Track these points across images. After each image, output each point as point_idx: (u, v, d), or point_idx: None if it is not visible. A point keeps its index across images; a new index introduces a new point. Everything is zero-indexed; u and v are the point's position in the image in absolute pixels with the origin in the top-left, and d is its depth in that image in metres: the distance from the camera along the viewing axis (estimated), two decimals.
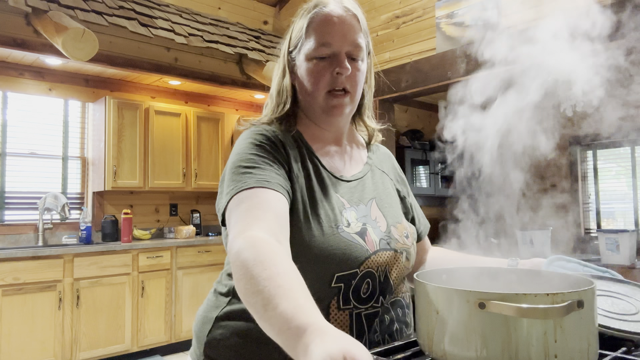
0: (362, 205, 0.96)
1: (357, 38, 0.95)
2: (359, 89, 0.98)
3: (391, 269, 0.94)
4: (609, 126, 5.34)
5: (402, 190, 1.10)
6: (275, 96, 1.02)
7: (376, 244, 0.93)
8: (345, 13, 0.95)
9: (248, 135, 0.95)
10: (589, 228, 5.52)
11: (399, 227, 0.99)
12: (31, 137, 4.14)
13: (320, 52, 0.94)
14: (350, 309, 0.89)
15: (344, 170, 1.01)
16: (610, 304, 0.94)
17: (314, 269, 0.86)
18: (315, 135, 1.01)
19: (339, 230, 0.89)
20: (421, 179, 5.32)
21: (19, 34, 3.50)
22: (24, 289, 3.36)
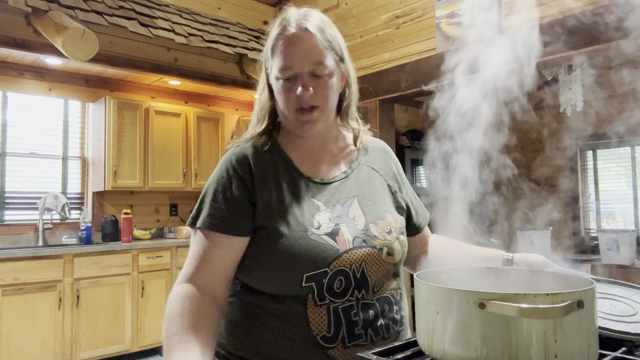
0: (339, 206, 1.01)
1: (317, 57, 0.97)
2: (329, 101, 1.01)
3: (368, 265, 0.97)
4: (609, 126, 5.34)
5: (393, 186, 1.12)
6: (257, 112, 1.08)
7: (349, 243, 0.96)
8: (304, 34, 0.98)
9: (221, 163, 1.04)
10: (589, 228, 5.52)
11: (381, 223, 1.02)
12: (31, 137, 4.14)
13: (284, 74, 0.99)
14: (327, 304, 0.93)
15: (326, 173, 1.05)
16: (609, 306, 0.94)
17: (284, 271, 0.93)
18: (296, 145, 1.07)
19: (308, 233, 0.95)
20: (421, 179, 5.32)
21: (19, 34, 3.50)
22: (24, 289, 3.36)
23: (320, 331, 0.92)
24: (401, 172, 1.18)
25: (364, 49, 4.61)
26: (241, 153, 1.03)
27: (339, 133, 1.13)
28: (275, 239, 0.95)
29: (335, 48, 1.01)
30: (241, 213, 0.97)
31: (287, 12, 1.03)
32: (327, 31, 1.01)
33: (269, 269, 0.95)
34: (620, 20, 2.99)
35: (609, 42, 3.04)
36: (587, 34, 3.13)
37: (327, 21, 1.03)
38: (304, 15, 1.01)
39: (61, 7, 3.42)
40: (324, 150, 1.08)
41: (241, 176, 1.00)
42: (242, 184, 0.99)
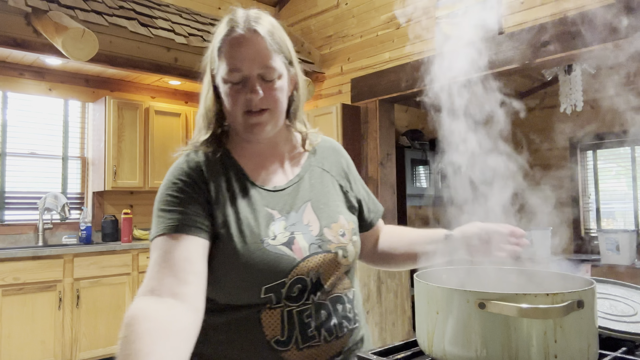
0: (293, 213, 1.00)
1: (267, 60, 0.95)
2: (279, 105, 0.99)
3: (324, 270, 0.97)
4: (609, 126, 5.34)
5: (344, 185, 1.12)
6: (203, 116, 1.03)
7: (305, 250, 0.96)
8: (253, 36, 0.95)
9: (170, 172, 0.99)
10: (589, 228, 5.52)
11: (334, 226, 1.02)
12: (31, 137, 4.14)
13: (232, 77, 0.95)
14: (282, 307, 0.93)
15: (278, 179, 1.04)
16: (609, 306, 0.94)
17: (241, 284, 0.91)
18: (246, 151, 1.04)
19: (264, 244, 0.93)
20: (421, 179, 5.32)
21: (19, 34, 3.50)
22: (24, 289, 3.36)
23: (273, 335, 0.92)
24: (352, 169, 1.18)
25: (364, 49, 4.61)
26: (193, 161, 0.99)
27: (289, 136, 1.11)
28: (231, 251, 0.92)
29: (284, 51, 1.00)
30: (200, 214, 0.93)
31: (236, 12, 1.00)
32: (276, 34, 0.99)
33: (225, 281, 0.92)
34: (620, 20, 2.99)
35: (609, 42, 3.04)
36: (587, 34, 3.13)
37: (276, 24, 1.02)
38: (253, 17, 0.98)
39: (61, 7, 3.42)
40: (274, 155, 1.07)
41: (196, 183, 0.96)
42: (197, 189, 0.95)
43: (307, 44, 5.11)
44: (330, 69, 4.90)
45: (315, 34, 5.07)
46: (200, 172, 0.98)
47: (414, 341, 0.92)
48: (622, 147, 5.34)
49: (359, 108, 4.58)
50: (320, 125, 4.57)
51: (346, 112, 4.46)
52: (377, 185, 4.40)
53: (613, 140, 5.31)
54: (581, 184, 5.60)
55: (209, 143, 1.02)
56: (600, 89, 5.43)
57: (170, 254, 0.87)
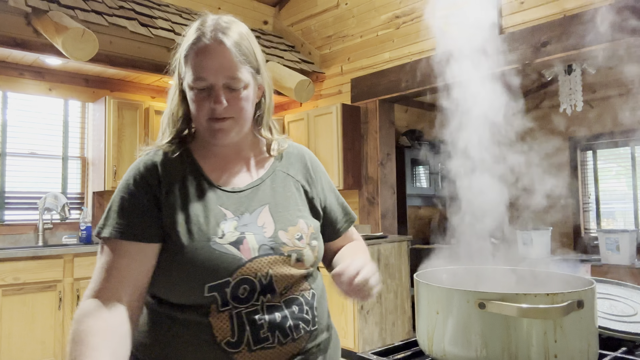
0: (247, 214, 1.00)
1: (232, 71, 0.96)
2: (243, 113, 1.00)
3: (276, 272, 0.97)
4: (609, 126, 5.34)
5: (310, 191, 1.11)
6: (168, 117, 1.05)
7: (255, 251, 0.96)
8: (218, 47, 0.96)
9: (127, 172, 1.03)
10: (589, 228, 5.52)
11: (291, 229, 1.01)
12: (31, 137, 4.14)
13: (197, 85, 0.96)
14: (230, 309, 0.93)
15: (238, 181, 1.05)
16: (609, 306, 0.94)
17: (186, 282, 0.93)
18: (209, 152, 1.06)
19: (210, 242, 0.94)
20: (421, 179, 5.32)
21: (19, 34, 3.50)
22: (24, 289, 3.36)
23: (224, 337, 0.92)
24: (321, 176, 1.16)
25: (364, 49, 4.61)
26: (150, 161, 1.02)
27: (255, 141, 1.11)
28: (177, 248, 0.94)
29: (251, 61, 1.00)
30: (149, 220, 0.96)
31: (205, 20, 1.01)
32: (243, 44, 0.99)
33: (171, 279, 0.94)
34: (620, 20, 2.99)
35: (609, 42, 3.04)
36: (587, 34, 3.13)
37: (244, 33, 1.02)
38: (222, 26, 0.99)
39: (61, 7, 3.42)
40: (238, 159, 1.08)
41: (149, 183, 0.99)
42: (149, 190, 0.98)
43: (307, 44, 5.11)
44: (330, 69, 4.90)
45: (315, 34, 5.07)
46: (155, 173, 1.00)
47: (414, 341, 0.92)
48: (622, 147, 5.34)
49: (359, 108, 4.58)
50: (320, 125, 4.57)
51: (346, 112, 4.46)
52: (377, 185, 4.40)
53: (613, 140, 5.31)
54: (581, 184, 5.60)
55: (171, 144, 1.04)
56: (600, 89, 5.43)
57: (116, 261, 0.93)
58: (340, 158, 4.37)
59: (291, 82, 4.28)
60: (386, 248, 4.04)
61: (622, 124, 5.29)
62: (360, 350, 3.71)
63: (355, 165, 4.48)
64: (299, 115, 4.78)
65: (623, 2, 2.98)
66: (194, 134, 1.08)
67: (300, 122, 4.78)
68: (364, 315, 3.80)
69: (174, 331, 0.95)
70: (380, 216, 4.35)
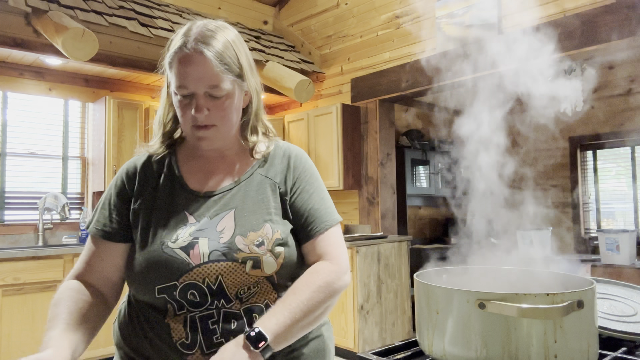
0: (206, 219, 1.01)
1: (213, 81, 0.97)
2: (226, 121, 1.01)
3: (226, 278, 0.96)
4: (609, 126, 5.34)
5: (286, 193, 1.06)
6: (160, 118, 1.09)
7: (204, 256, 0.96)
8: (199, 57, 0.96)
9: (118, 172, 1.11)
10: (589, 228, 5.52)
11: (251, 235, 0.99)
12: (31, 137, 4.14)
13: (180, 92, 0.98)
14: (185, 313, 0.96)
15: (214, 184, 1.06)
16: (609, 306, 0.94)
17: (139, 282, 1.00)
18: (194, 155, 1.09)
19: (163, 246, 0.98)
20: (421, 179, 5.32)
21: (19, 34, 3.50)
22: (24, 289, 3.36)
23: (179, 338, 0.96)
24: (304, 176, 1.09)
25: (364, 49, 4.60)
26: (133, 163, 1.09)
27: (242, 145, 1.10)
28: (135, 250, 1.01)
29: (234, 70, 0.99)
30: (120, 221, 1.04)
31: (191, 27, 1.00)
32: (226, 53, 0.98)
33: (130, 278, 1.02)
34: (620, 20, 2.99)
35: (609, 42, 3.03)
36: (587, 34, 3.13)
37: (229, 41, 1.00)
38: (207, 35, 0.98)
39: (61, 7, 3.42)
40: (221, 162, 1.08)
41: (126, 185, 1.06)
42: (125, 192, 1.06)
43: (307, 44, 5.11)
44: (330, 69, 4.90)
45: (315, 34, 5.07)
46: (133, 177, 1.07)
47: (414, 341, 0.92)
48: (622, 147, 5.34)
49: (359, 108, 4.58)
50: (320, 125, 4.57)
51: (346, 112, 4.46)
52: (377, 185, 4.40)
53: (613, 140, 5.31)
54: (581, 184, 5.60)
55: (160, 146, 1.09)
56: (600, 89, 5.43)
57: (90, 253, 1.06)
58: (340, 158, 4.37)
59: (291, 82, 4.27)
60: (386, 248, 4.04)
61: (622, 124, 5.29)
62: (360, 350, 3.71)
63: (355, 165, 4.48)
64: (299, 115, 4.78)
65: (623, 2, 2.98)
66: (183, 136, 1.10)
67: (300, 122, 4.77)
68: (364, 315, 3.80)
69: (144, 327, 1.01)
70: (380, 216, 4.35)
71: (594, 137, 5.41)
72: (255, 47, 4.55)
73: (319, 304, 0.96)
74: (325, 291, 0.97)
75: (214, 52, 0.97)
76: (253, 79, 1.05)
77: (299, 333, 0.95)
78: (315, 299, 0.95)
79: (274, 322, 0.91)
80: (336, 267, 1.01)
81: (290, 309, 0.93)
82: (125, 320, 1.07)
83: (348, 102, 4.65)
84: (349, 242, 3.76)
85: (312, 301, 0.95)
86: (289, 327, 0.92)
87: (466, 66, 3.61)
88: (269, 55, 4.57)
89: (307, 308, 0.94)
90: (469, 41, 3.66)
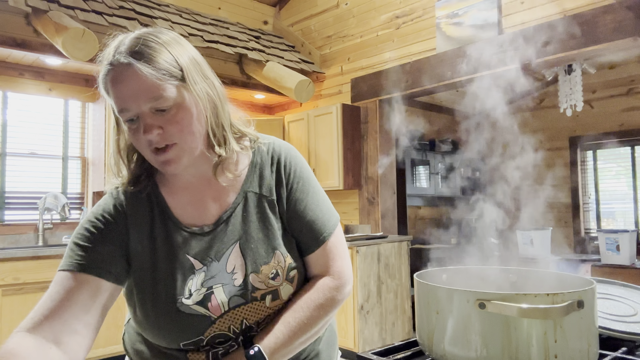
0: (214, 263, 0.93)
1: (152, 92, 0.83)
2: (185, 135, 0.87)
3: (250, 317, 0.93)
4: (609, 126, 5.34)
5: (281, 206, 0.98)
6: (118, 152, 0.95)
7: (224, 306, 0.91)
8: (127, 70, 0.83)
9: (94, 207, 0.95)
10: (589, 228, 5.52)
11: (264, 269, 0.93)
12: (31, 137, 4.14)
13: (124, 117, 0.86)
14: (208, 349, 0.92)
15: (208, 216, 0.96)
16: (609, 306, 0.94)
17: (161, 338, 0.91)
18: (174, 185, 0.97)
19: (177, 304, 0.89)
20: (421, 179, 5.32)
21: (19, 34, 3.50)
22: (24, 289, 3.36)
23: None
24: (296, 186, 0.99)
25: (364, 49, 4.61)
26: (118, 199, 0.94)
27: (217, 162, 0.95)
28: (145, 308, 0.90)
29: (174, 74, 0.85)
30: (112, 256, 0.90)
31: (115, 42, 0.87)
32: (160, 57, 0.84)
33: (147, 332, 0.93)
34: (620, 20, 2.99)
35: (609, 42, 3.03)
36: (587, 34, 3.13)
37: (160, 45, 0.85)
38: (129, 45, 0.84)
39: (61, 7, 3.42)
40: (207, 188, 0.96)
41: (117, 223, 0.92)
42: (116, 229, 0.92)
43: (307, 44, 5.11)
44: (330, 69, 4.90)
45: (315, 34, 5.07)
46: (123, 215, 0.93)
47: (414, 341, 0.92)
48: (622, 147, 5.34)
49: (359, 108, 4.58)
50: (320, 125, 4.57)
51: (346, 112, 4.46)
52: (377, 185, 4.40)
53: (613, 140, 5.31)
54: (581, 184, 5.60)
55: (134, 181, 0.96)
56: (600, 89, 5.43)
57: (69, 294, 0.84)
58: (340, 158, 4.37)
59: (291, 82, 4.28)
60: (386, 248, 4.04)
61: (621, 124, 5.29)
62: (360, 350, 3.71)
63: (355, 165, 4.48)
64: (299, 115, 4.78)
65: (623, 2, 2.98)
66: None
67: (300, 122, 4.78)
68: (364, 315, 3.80)
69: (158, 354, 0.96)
70: (380, 216, 4.35)
71: (594, 137, 5.41)
72: (255, 47, 4.55)
73: (319, 321, 0.95)
74: (326, 309, 0.95)
75: (144, 59, 0.83)
76: (203, 81, 0.90)
77: (297, 349, 0.94)
78: (316, 317, 0.94)
79: (272, 341, 0.90)
80: (337, 282, 0.97)
81: (291, 327, 0.91)
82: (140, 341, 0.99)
83: (348, 102, 4.65)
84: (349, 242, 3.76)
85: (312, 320, 0.93)
86: (289, 344, 0.91)
87: (466, 66, 3.61)
88: (269, 55, 4.57)
89: (307, 327, 0.93)
90: (469, 41, 3.66)
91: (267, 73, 4.42)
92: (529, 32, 3.38)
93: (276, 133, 4.86)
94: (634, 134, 5.18)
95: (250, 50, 4.41)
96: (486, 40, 3.58)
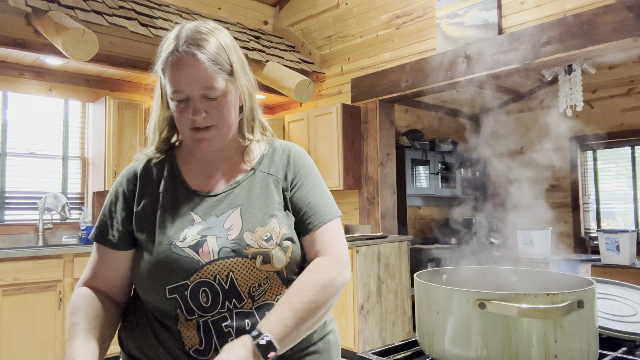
0: (213, 218, 1.01)
1: (207, 82, 0.97)
2: (225, 121, 1.01)
3: (238, 275, 0.96)
4: (609, 126, 5.34)
5: (287, 188, 1.07)
6: (156, 122, 1.10)
7: (214, 254, 0.96)
8: (191, 60, 0.96)
9: (118, 178, 1.11)
10: (589, 228, 5.52)
11: (259, 230, 0.99)
12: (31, 137, 4.14)
13: (176, 97, 0.99)
14: (196, 318, 0.95)
15: (218, 185, 1.06)
16: (609, 306, 0.94)
17: (148, 284, 0.98)
18: (193, 158, 1.10)
19: (171, 246, 0.97)
20: (421, 179, 5.32)
21: (19, 34, 3.50)
22: (24, 289, 3.36)
23: (192, 345, 0.95)
24: (303, 172, 1.10)
25: (364, 49, 4.61)
26: (133, 168, 1.10)
27: (240, 145, 1.10)
28: (142, 252, 1.00)
29: (225, 69, 0.99)
30: (121, 228, 1.04)
31: (181, 31, 1.00)
32: (218, 54, 0.99)
33: (139, 281, 1.01)
34: (620, 20, 2.99)
35: (609, 42, 3.04)
36: (587, 34, 3.13)
37: (221, 43, 1.00)
38: (196, 38, 0.98)
39: (61, 7, 3.42)
40: (221, 163, 1.09)
41: (126, 191, 1.07)
42: (126, 198, 1.06)
43: (307, 44, 5.11)
44: (330, 69, 4.90)
45: (315, 34, 5.07)
46: (134, 180, 1.08)
47: (414, 341, 0.92)
48: (622, 147, 5.34)
49: (359, 108, 4.58)
50: (320, 125, 4.57)
51: (346, 112, 4.46)
52: (377, 185, 4.40)
53: (613, 140, 5.31)
54: (581, 184, 5.60)
55: (158, 150, 1.10)
56: (600, 89, 5.43)
57: (101, 263, 1.05)
58: (340, 158, 4.37)
59: (291, 82, 4.27)
60: (386, 248, 4.04)
61: (622, 124, 5.29)
62: (360, 350, 3.71)
63: (355, 165, 4.48)
64: (299, 115, 4.78)
65: (623, 2, 2.98)
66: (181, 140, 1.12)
67: (300, 122, 4.78)
68: (364, 315, 3.80)
69: (152, 333, 0.99)
70: (380, 216, 4.35)
71: (594, 137, 5.41)
72: (255, 47, 4.55)
73: (323, 304, 0.96)
74: (329, 290, 0.97)
75: (207, 53, 0.97)
76: (245, 77, 1.05)
77: (303, 335, 0.95)
78: (320, 299, 0.96)
79: (281, 330, 0.90)
80: (336, 263, 1.01)
81: (297, 312, 0.93)
82: (133, 326, 1.05)
83: (348, 102, 4.65)
84: (349, 242, 3.76)
85: (317, 302, 0.95)
86: (296, 331, 0.92)
87: (466, 66, 3.61)
88: (269, 55, 4.57)
89: (312, 309, 0.94)
90: (469, 41, 3.66)
91: (267, 73, 4.42)
92: (529, 32, 3.38)
93: (276, 133, 4.85)
94: (634, 134, 5.18)
95: (250, 50, 4.41)
96: (486, 40, 3.58)
